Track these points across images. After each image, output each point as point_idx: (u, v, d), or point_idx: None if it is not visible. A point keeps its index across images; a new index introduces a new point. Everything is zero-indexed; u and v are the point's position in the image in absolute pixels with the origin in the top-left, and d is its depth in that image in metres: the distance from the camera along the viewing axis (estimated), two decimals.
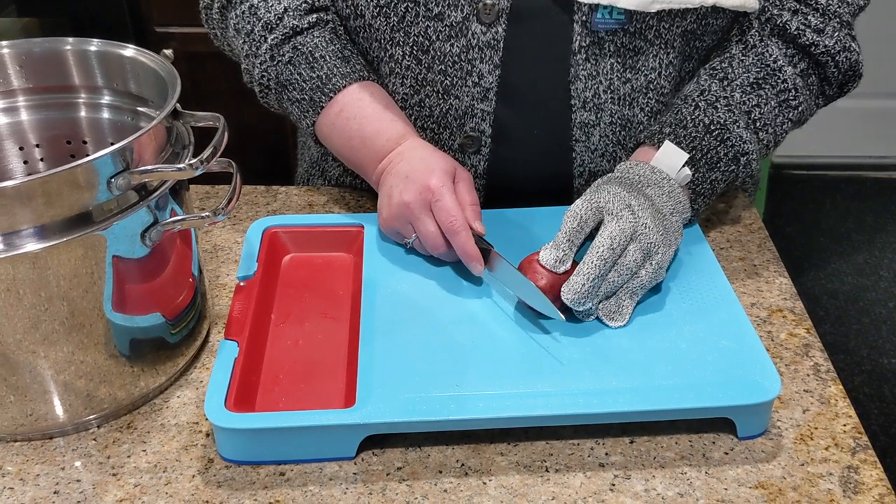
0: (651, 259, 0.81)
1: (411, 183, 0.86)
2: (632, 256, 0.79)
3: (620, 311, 0.80)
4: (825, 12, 0.91)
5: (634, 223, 0.80)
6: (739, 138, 0.89)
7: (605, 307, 0.80)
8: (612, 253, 0.78)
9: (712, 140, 0.89)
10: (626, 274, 0.79)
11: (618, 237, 0.79)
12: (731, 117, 0.89)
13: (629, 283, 0.80)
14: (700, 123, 0.89)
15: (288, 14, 0.93)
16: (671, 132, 0.89)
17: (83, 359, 0.73)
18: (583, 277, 0.78)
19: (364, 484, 0.71)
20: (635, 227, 0.80)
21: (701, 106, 0.90)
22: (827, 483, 0.71)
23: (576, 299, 0.78)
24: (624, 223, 0.80)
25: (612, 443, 0.74)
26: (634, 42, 0.90)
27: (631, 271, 0.80)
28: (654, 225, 0.81)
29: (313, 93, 0.93)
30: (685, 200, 0.87)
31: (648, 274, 0.80)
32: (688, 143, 0.88)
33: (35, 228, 0.66)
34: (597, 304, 0.80)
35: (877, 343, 2.12)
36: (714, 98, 0.90)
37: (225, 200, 0.75)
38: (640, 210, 0.82)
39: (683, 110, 0.90)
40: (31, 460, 0.74)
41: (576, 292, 0.78)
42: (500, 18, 0.89)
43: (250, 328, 0.80)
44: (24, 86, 0.84)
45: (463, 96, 0.93)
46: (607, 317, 0.80)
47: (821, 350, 0.84)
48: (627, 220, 0.80)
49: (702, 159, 0.88)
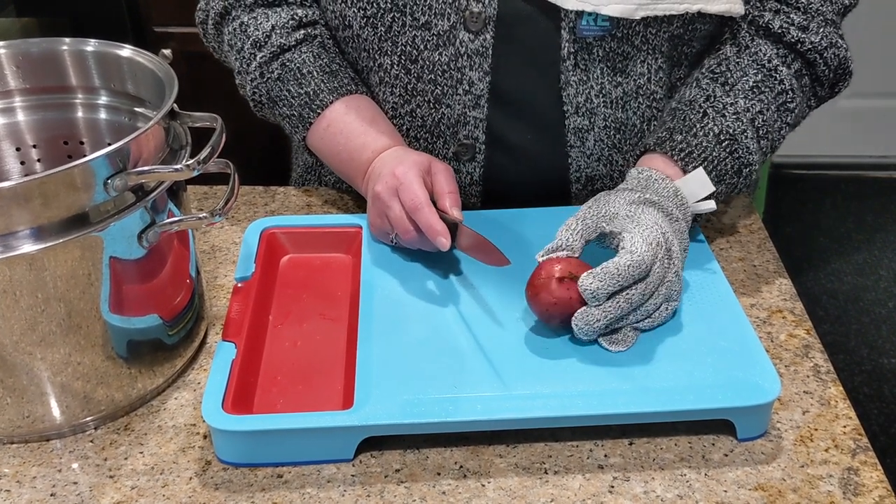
0: (669, 303, 0.79)
1: (382, 175, 0.87)
2: (653, 300, 0.78)
3: (624, 340, 0.78)
4: (807, 10, 0.90)
5: (665, 271, 0.78)
6: (747, 149, 0.88)
7: (609, 335, 0.78)
8: (641, 299, 0.77)
9: (722, 151, 0.87)
10: (642, 315, 0.78)
11: (652, 285, 0.77)
12: (739, 127, 0.88)
13: (642, 323, 0.79)
14: (710, 132, 0.88)
15: (276, 32, 0.95)
16: (682, 140, 0.87)
17: (80, 360, 0.73)
18: (601, 312, 0.75)
19: (362, 486, 0.71)
20: (665, 274, 0.78)
21: (710, 114, 0.88)
22: (827, 485, 0.71)
23: (585, 331, 0.76)
24: (659, 269, 0.77)
25: (611, 444, 0.74)
26: (622, 47, 0.90)
27: (648, 313, 0.78)
28: (680, 271, 0.80)
29: (302, 109, 0.95)
30: (691, 220, 0.86)
31: (661, 316, 0.79)
32: (699, 153, 0.87)
33: (32, 229, 0.66)
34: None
35: (876, 343, 2.12)
36: (721, 105, 0.89)
37: (222, 201, 0.75)
38: (676, 256, 0.79)
39: (691, 117, 0.89)
40: (27, 462, 0.73)
41: (586, 323, 0.75)
42: (488, 26, 0.89)
43: (248, 329, 0.80)
44: (21, 86, 0.84)
45: (454, 104, 0.93)
46: (608, 341, 0.78)
47: (821, 351, 0.84)
48: (664, 267, 0.78)
49: (712, 171, 0.87)
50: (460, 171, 0.97)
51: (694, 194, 0.85)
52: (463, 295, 0.84)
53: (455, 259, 0.88)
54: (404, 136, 0.97)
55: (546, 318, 0.78)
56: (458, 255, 0.88)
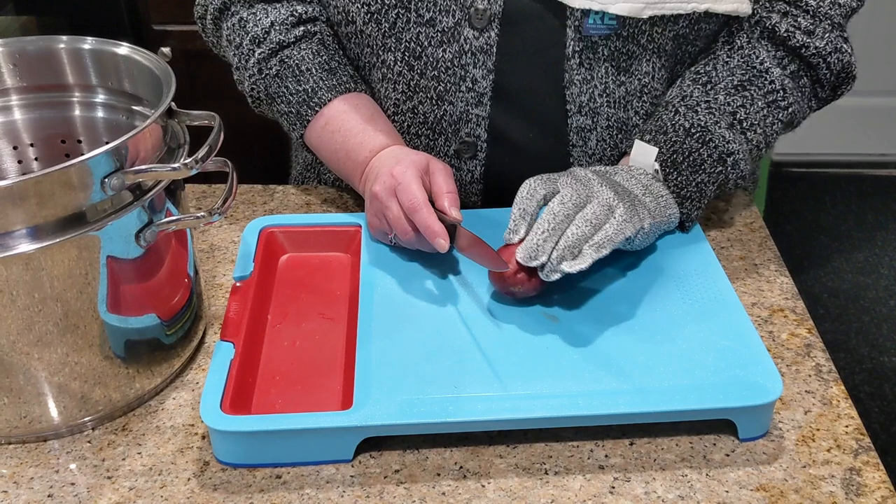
0: (613, 213, 0.79)
1: (379, 175, 0.86)
2: (591, 210, 0.78)
3: (582, 258, 0.76)
4: (815, 14, 0.90)
5: (589, 187, 0.80)
6: (722, 138, 0.88)
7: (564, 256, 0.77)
8: (562, 207, 0.77)
9: (693, 142, 0.88)
10: (585, 226, 0.77)
11: (570, 195, 0.78)
12: (711, 119, 0.89)
13: (593, 237, 0.77)
14: (680, 127, 0.89)
15: (275, 28, 0.95)
16: (651, 139, 0.89)
17: (78, 360, 0.72)
18: (532, 233, 0.77)
19: (361, 487, 0.70)
20: (590, 189, 0.80)
21: (681, 111, 0.89)
22: (829, 485, 0.70)
23: (526, 255, 0.77)
24: (578, 186, 0.80)
25: (611, 445, 0.74)
26: (627, 47, 0.89)
27: (591, 223, 0.77)
28: (612, 192, 0.80)
29: (300, 106, 0.95)
30: (665, 193, 0.87)
31: (613, 226, 0.78)
32: (667, 147, 0.88)
33: (28, 229, 0.66)
34: (558, 261, 0.77)
35: (877, 341, 2.11)
36: (695, 102, 0.90)
37: (221, 200, 0.74)
38: (598, 181, 0.81)
39: (664, 116, 0.90)
40: (25, 463, 0.73)
41: (525, 248, 0.77)
42: (493, 23, 0.88)
43: (247, 329, 0.80)
44: (18, 85, 0.83)
45: (457, 102, 0.92)
46: (565, 261, 0.76)
47: (822, 350, 0.83)
48: (582, 185, 0.80)
49: (683, 162, 0.88)
50: (461, 169, 0.97)
51: (647, 164, 0.88)
52: (463, 294, 0.84)
53: (455, 258, 0.88)
54: (405, 133, 0.97)
55: (504, 285, 0.80)
56: (456, 254, 0.88)
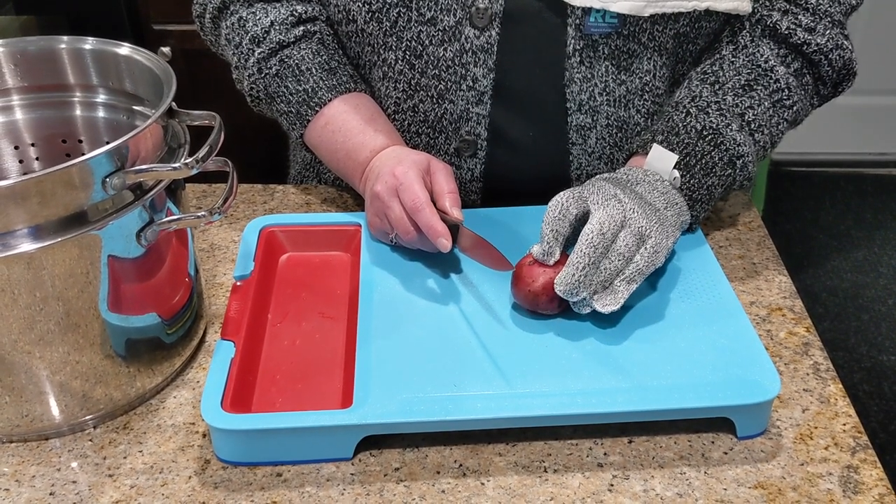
0: (645, 243, 0.79)
1: (381, 175, 0.86)
2: (623, 241, 0.77)
3: (615, 297, 0.78)
4: (816, 11, 0.91)
5: (623, 210, 0.79)
6: (733, 141, 0.88)
7: (598, 294, 0.78)
8: (602, 239, 0.77)
9: (706, 145, 0.88)
10: (619, 260, 0.77)
11: (607, 223, 0.77)
12: (723, 121, 0.88)
13: (625, 270, 0.78)
14: (692, 129, 0.88)
15: (274, 28, 0.95)
16: (663, 140, 0.89)
17: (79, 359, 0.73)
18: (573, 267, 0.76)
19: (361, 485, 0.71)
20: (624, 213, 0.79)
21: (692, 112, 0.89)
22: (827, 483, 0.71)
23: (567, 290, 0.76)
24: (611, 209, 0.78)
25: (610, 443, 0.74)
26: (628, 45, 0.89)
27: (624, 257, 0.78)
28: (642, 212, 0.80)
29: (300, 106, 0.95)
30: (680, 201, 0.87)
31: (644, 259, 0.78)
32: (680, 149, 0.88)
33: (30, 228, 0.66)
34: (591, 294, 0.78)
35: (876, 340, 2.12)
36: (705, 103, 0.89)
37: (221, 199, 0.74)
38: (628, 200, 0.80)
39: (675, 117, 0.90)
40: (26, 461, 0.73)
41: (566, 283, 0.76)
42: (494, 22, 0.88)
43: (247, 328, 0.80)
44: (19, 85, 0.84)
45: (457, 100, 0.93)
46: (599, 302, 0.78)
47: (820, 349, 0.83)
48: (615, 208, 0.79)
49: (696, 165, 0.88)
50: (461, 168, 0.97)
51: (664, 170, 0.87)
52: (463, 293, 0.84)
53: (455, 257, 0.88)
54: (406, 131, 0.97)
55: (533, 304, 0.79)
56: (458, 254, 0.88)
